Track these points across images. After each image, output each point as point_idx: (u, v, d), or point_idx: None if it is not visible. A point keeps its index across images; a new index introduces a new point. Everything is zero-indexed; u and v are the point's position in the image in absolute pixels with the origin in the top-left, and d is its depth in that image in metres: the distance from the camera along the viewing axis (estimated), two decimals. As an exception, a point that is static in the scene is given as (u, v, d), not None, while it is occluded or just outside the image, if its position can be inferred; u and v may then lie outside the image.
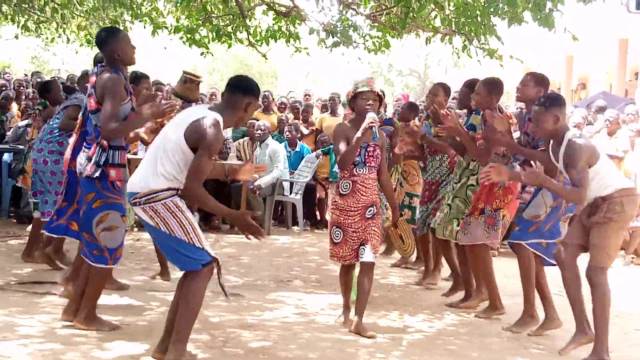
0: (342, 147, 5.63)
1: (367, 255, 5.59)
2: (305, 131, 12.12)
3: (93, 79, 5.30)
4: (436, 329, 5.92)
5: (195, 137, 4.38)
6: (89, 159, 5.19)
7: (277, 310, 6.22)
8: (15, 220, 10.23)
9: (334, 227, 5.74)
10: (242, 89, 4.61)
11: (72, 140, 5.93)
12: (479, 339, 5.67)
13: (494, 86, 6.33)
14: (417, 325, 5.96)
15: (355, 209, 5.66)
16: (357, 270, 5.82)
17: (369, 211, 5.66)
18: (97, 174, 5.12)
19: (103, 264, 5.19)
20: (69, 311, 5.32)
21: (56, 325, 5.27)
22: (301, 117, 12.51)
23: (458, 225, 6.49)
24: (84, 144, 5.37)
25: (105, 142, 5.16)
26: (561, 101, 5.33)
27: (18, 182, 8.75)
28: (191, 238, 4.46)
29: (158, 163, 4.44)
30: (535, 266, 5.85)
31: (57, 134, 7.08)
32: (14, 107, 11.92)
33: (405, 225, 8.21)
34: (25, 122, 10.49)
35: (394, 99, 12.93)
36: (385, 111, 8.65)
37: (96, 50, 6.19)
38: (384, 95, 5.69)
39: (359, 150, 5.60)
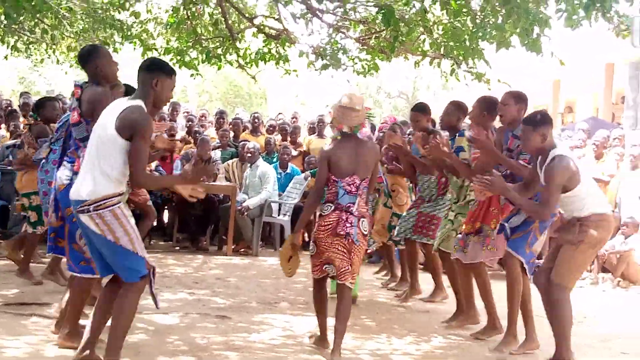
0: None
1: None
2: (293, 152, 12.16)
3: (78, 91, 5.27)
4: (423, 351, 5.91)
5: (127, 128, 4.47)
6: (75, 173, 5.13)
7: (264, 332, 6.19)
8: (2, 241, 10.18)
9: None
10: (147, 69, 4.68)
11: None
12: (466, 361, 5.67)
13: (490, 105, 6.35)
14: (404, 348, 5.95)
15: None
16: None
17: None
18: None
19: (89, 274, 5.16)
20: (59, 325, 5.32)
21: (43, 347, 5.23)
22: (289, 138, 12.56)
23: (456, 236, 6.58)
24: (65, 157, 5.32)
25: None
26: (547, 120, 5.40)
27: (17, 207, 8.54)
28: (135, 247, 4.55)
29: (100, 166, 4.51)
30: (523, 285, 5.88)
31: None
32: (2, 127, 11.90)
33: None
34: (12, 141, 10.46)
35: (381, 122, 12.99)
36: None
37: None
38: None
39: None
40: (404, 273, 8.37)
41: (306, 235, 11.76)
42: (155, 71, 4.65)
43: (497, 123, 6.45)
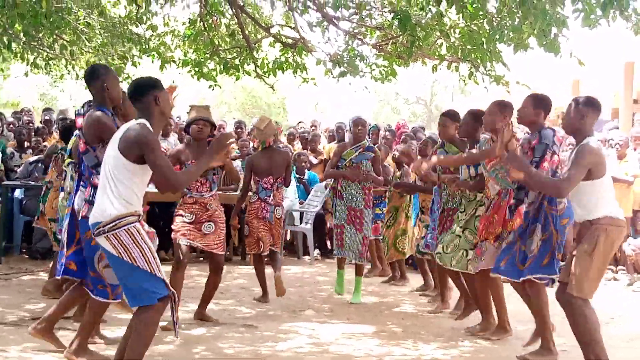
0: None
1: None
2: (315, 161, 12.17)
3: (80, 120, 5.32)
4: (451, 356, 5.89)
5: (131, 147, 4.45)
6: (85, 200, 5.23)
7: (291, 340, 6.21)
8: (27, 256, 10.25)
9: None
10: (140, 92, 4.65)
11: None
12: (494, 365, 5.65)
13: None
14: (432, 353, 5.93)
15: None
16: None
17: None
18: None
19: (103, 298, 5.23)
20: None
21: (71, 360, 5.27)
22: (309, 146, 12.58)
23: (467, 255, 6.48)
24: (82, 183, 5.37)
25: (96, 181, 5.05)
26: (593, 105, 5.42)
27: (37, 224, 8.50)
28: (153, 268, 4.47)
29: (112, 188, 4.49)
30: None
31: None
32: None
33: None
34: (35, 157, 10.56)
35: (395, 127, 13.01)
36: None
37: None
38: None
39: None
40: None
41: (328, 242, 11.78)
42: (149, 91, 4.63)
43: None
